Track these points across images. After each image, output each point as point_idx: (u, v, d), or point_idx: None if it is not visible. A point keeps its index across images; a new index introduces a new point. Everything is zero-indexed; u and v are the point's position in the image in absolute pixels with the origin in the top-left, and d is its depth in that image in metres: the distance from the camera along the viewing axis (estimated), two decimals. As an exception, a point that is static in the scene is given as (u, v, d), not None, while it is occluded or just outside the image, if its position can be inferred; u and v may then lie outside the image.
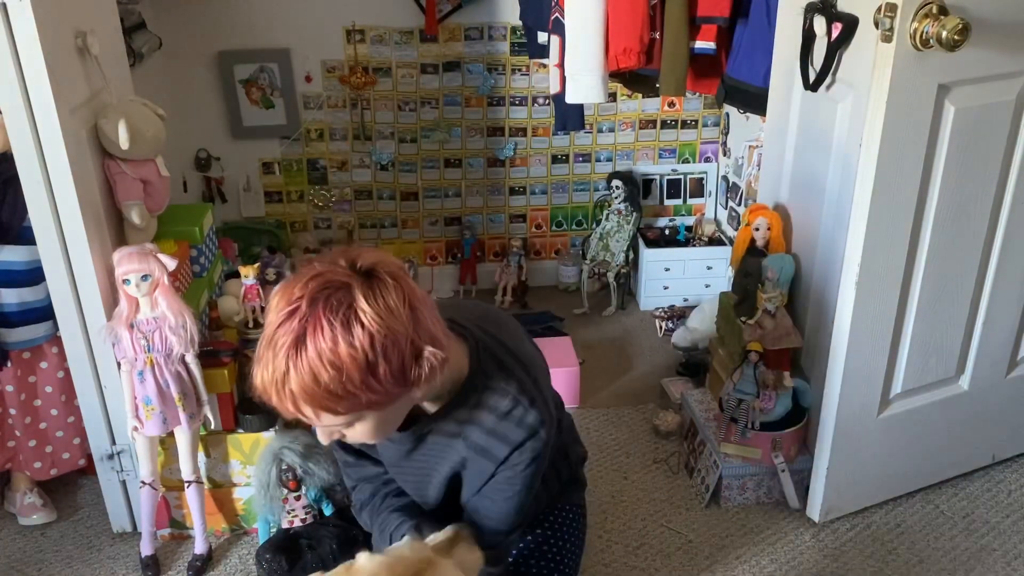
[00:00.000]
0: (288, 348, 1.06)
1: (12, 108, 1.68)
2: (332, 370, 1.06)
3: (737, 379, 2.07)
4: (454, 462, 1.33)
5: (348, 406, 1.10)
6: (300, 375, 1.06)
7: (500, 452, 1.27)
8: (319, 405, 1.09)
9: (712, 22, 2.25)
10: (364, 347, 1.06)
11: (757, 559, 2.03)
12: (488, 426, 1.27)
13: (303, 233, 3.18)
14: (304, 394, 1.07)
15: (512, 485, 1.31)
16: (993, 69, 1.74)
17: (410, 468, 1.40)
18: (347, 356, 1.06)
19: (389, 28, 2.93)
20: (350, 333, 1.05)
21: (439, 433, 1.32)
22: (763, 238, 2.16)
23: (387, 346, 1.07)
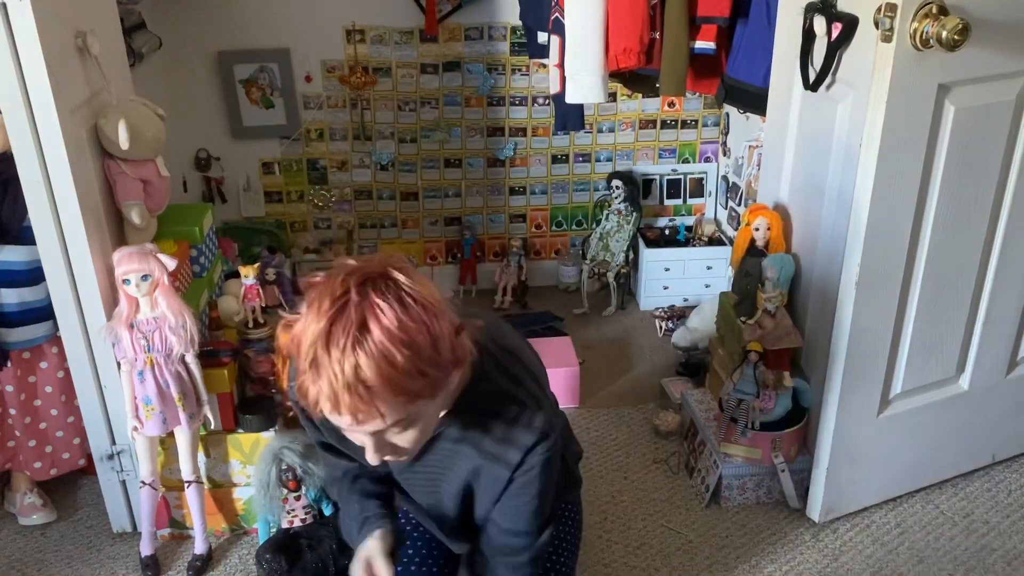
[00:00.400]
0: (353, 339, 1.03)
1: (12, 108, 1.68)
2: (404, 348, 1.05)
3: (737, 379, 2.07)
4: (466, 471, 1.32)
5: (420, 388, 1.09)
6: (374, 361, 1.03)
7: (513, 457, 1.27)
8: (395, 390, 1.06)
9: (712, 22, 2.25)
10: (423, 319, 1.06)
11: (757, 559, 2.03)
12: (499, 434, 1.27)
13: (303, 233, 3.18)
14: (380, 380, 1.04)
15: (530, 489, 1.30)
16: (993, 69, 1.74)
17: (419, 476, 1.39)
18: (414, 329, 1.06)
19: (389, 28, 2.93)
20: (407, 309, 1.05)
21: (446, 439, 1.31)
22: (763, 238, 2.16)
23: (439, 316, 1.08)
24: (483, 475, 1.31)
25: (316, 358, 1.05)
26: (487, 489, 1.33)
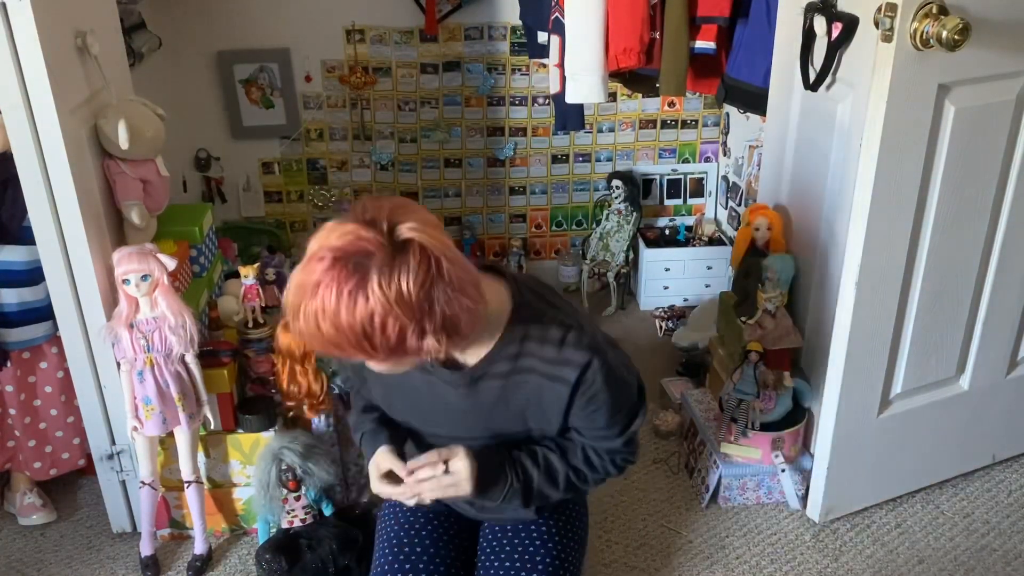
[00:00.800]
0: (300, 287, 1.12)
1: (12, 108, 1.68)
2: (330, 326, 1.11)
3: (737, 379, 2.07)
4: (523, 399, 1.35)
5: (341, 355, 1.16)
6: (304, 317, 1.12)
7: (570, 375, 1.30)
8: (318, 344, 1.14)
9: (712, 22, 2.25)
10: (363, 321, 1.10)
11: (757, 559, 2.03)
12: (549, 356, 1.31)
13: (303, 233, 3.18)
14: (306, 331, 1.13)
15: (597, 403, 1.34)
16: (993, 69, 1.74)
17: (470, 416, 1.39)
18: (345, 323, 1.10)
19: (389, 28, 2.93)
20: (354, 304, 1.09)
21: (493, 377, 1.34)
22: (763, 238, 2.16)
23: (387, 325, 1.10)
24: (545, 396, 1.34)
25: (298, 267, 1.15)
26: (552, 406, 1.36)
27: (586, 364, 1.30)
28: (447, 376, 1.35)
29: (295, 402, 2.00)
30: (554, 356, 1.31)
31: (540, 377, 1.33)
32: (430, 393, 1.40)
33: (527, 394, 1.35)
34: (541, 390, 1.34)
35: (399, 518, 1.61)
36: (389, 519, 1.62)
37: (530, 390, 1.34)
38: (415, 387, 1.40)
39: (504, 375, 1.33)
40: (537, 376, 1.33)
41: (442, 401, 1.39)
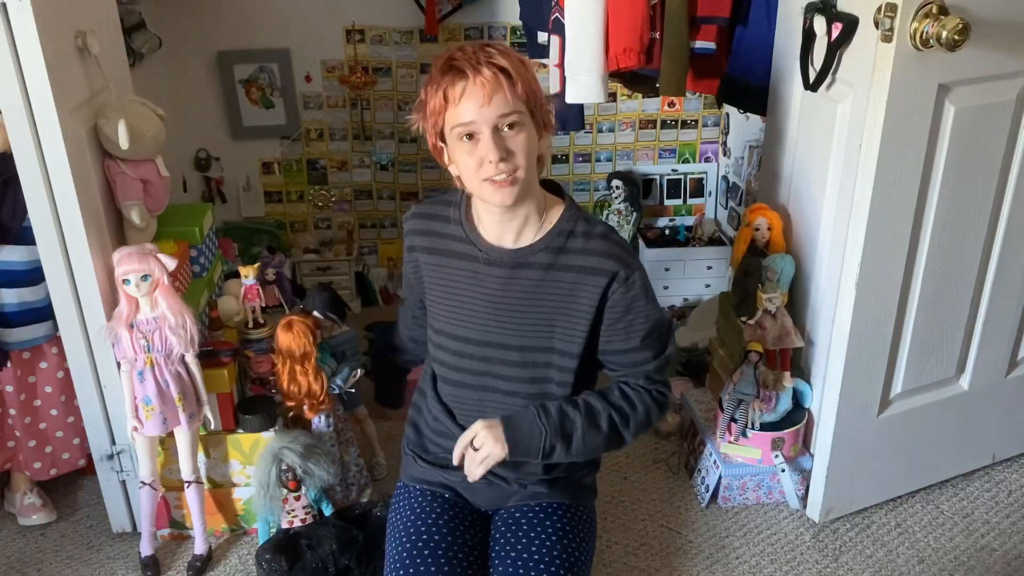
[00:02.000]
0: (479, 45, 1.37)
1: (12, 108, 1.68)
2: (514, 56, 1.37)
3: (737, 379, 2.07)
4: (554, 297, 1.47)
5: (534, 89, 1.39)
6: (500, 51, 1.36)
7: (611, 266, 1.44)
8: (519, 72, 1.35)
9: (712, 22, 2.25)
10: (526, 60, 1.39)
11: (757, 559, 2.03)
12: (592, 248, 1.45)
13: (303, 233, 3.18)
14: (508, 60, 1.35)
15: (635, 310, 1.47)
16: (993, 69, 1.74)
17: (503, 314, 1.50)
18: (522, 57, 1.39)
19: (389, 28, 2.93)
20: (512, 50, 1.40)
21: (533, 267, 1.47)
22: (763, 238, 2.16)
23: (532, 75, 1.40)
24: (579, 293, 1.46)
25: (452, 60, 1.35)
26: (582, 306, 1.46)
27: (627, 264, 1.44)
28: (494, 254, 1.47)
29: (295, 402, 2.00)
30: (597, 248, 1.45)
31: (577, 273, 1.45)
32: (472, 286, 1.51)
33: (561, 293, 1.46)
34: (575, 287, 1.45)
35: (413, 506, 1.61)
36: (403, 508, 1.62)
37: (565, 288, 1.46)
38: (460, 283, 1.52)
39: (544, 266, 1.46)
40: (574, 273, 1.45)
41: (481, 292, 1.50)
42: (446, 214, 1.54)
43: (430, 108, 1.39)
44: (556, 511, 1.60)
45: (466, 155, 1.38)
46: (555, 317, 1.48)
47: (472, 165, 1.38)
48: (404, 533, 1.57)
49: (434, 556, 1.50)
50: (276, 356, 1.98)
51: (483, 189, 1.40)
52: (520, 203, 1.43)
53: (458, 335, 1.55)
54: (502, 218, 1.46)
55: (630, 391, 1.55)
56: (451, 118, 1.37)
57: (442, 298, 1.56)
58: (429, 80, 1.39)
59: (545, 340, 1.50)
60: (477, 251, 1.49)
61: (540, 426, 1.48)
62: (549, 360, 1.52)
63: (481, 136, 1.36)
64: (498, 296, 1.49)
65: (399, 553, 1.53)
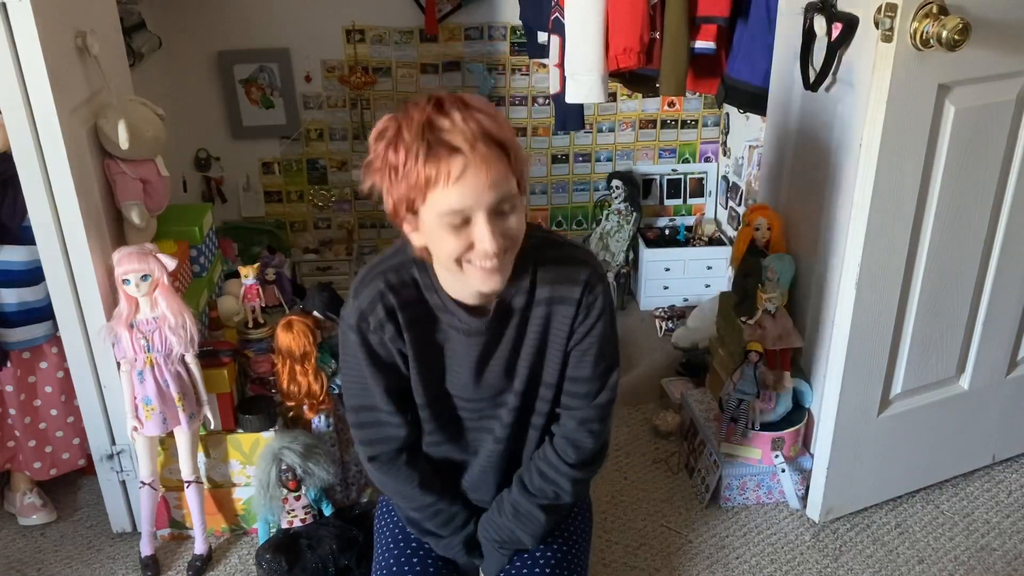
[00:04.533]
0: (462, 106, 1.15)
1: (12, 108, 1.68)
2: (503, 119, 1.19)
3: (737, 379, 2.07)
4: (539, 330, 1.37)
5: (523, 158, 1.21)
6: (489, 117, 1.16)
7: (573, 293, 1.34)
8: (512, 146, 1.18)
9: (712, 22, 2.25)
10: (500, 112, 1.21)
11: (757, 559, 2.03)
12: (550, 277, 1.35)
13: (303, 233, 3.18)
14: (500, 131, 1.16)
15: (595, 331, 1.37)
16: (993, 69, 1.74)
17: (497, 359, 1.40)
18: (499, 112, 1.20)
19: (389, 28, 2.93)
20: (486, 102, 1.20)
21: (514, 313, 1.36)
22: (763, 238, 2.16)
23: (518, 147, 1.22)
24: (553, 322, 1.37)
25: (437, 130, 1.13)
26: (556, 335, 1.38)
27: (590, 287, 1.35)
28: (475, 322, 1.34)
29: (295, 402, 2.00)
30: (562, 275, 1.35)
31: (547, 305, 1.36)
32: (458, 348, 1.39)
33: (540, 328, 1.37)
34: (550, 318, 1.37)
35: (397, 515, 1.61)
36: (387, 514, 1.62)
37: (542, 322, 1.37)
38: (445, 346, 1.40)
39: (522, 308, 1.36)
40: (545, 306, 1.36)
41: (468, 353, 1.39)
42: (414, 277, 1.34)
43: (407, 182, 1.16)
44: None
45: (451, 238, 1.19)
46: (540, 352, 1.40)
47: (457, 249, 1.20)
48: (392, 540, 1.56)
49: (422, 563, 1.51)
50: (276, 356, 1.98)
51: (467, 273, 1.23)
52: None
53: (451, 394, 1.44)
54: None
55: (548, 470, 1.44)
56: (439, 201, 1.15)
57: (426, 369, 1.40)
58: (397, 142, 1.16)
59: (534, 378, 1.42)
60: (457, 321, 1.34)
61: (488, 544, 1.49)
62: (540, 394, 1.44)
63: (476, 221, 1.17)
64: (488, 358, 1.38)
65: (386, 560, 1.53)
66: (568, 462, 1.43)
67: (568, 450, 1.43)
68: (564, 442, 1.43)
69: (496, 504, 1.49)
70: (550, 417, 1.46)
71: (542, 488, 1.44)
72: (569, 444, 1.43)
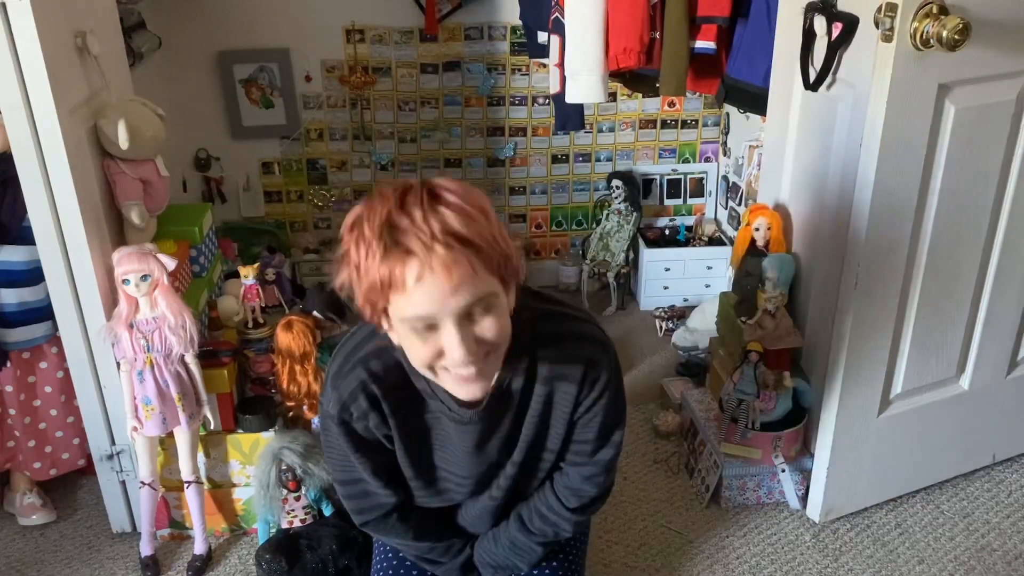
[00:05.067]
0: (429, 203, 1.02)
1: (12, 108, 1.68)
2: (478, 212, 1.04)
3: (737, 379, 2.07)
4: (539, 410, 1.28)
5: (499, 256, 1.07)
6: (456, 215, 1.02)
7: (576, 372, 1.25)
8: (483, 243, 1.03)
9: (712, 22, 2.25)
10: (482, 201, 1.07)
11: (757, 559, 2.03)
12: (551, 356, 1.25)
13: (303, 233, 3.18)
14: (468, 231, 1.02)
15: (600, 407, 1.29)
16: (993, 69, 1.74)
17: (490, 449, 1.32)
18: (481, 201, 1.06)
19: (389, 28, 2.93)
20: (467, 191, 1.06)
21: (511, 395, 1.27)
22: (763, 238, 2.16)
23: (502, 238, 1.08)
24: (556, 399, 1.28)
25: (394, 229, 1.01)
26: (560, 411, 1.29)
27: (594, 364, 1.27)
28: (467, 415, 1.25)
29: (295, 402, 2.00)
30: (564, 353, 1.26)
31: (547, 382, 1.27)
32: (451, 434, 1.31)
33: (541, 406, 1.29)
34: (553, 395, 1.28)
35: None
36: None
37: (543, 399, 1.28)
38: (436, 431, 1.32)
39: (519, 391, 1.27)
40: (546, 383, 1.27)
41: (462, 439, 1.30)
42: (397, 362, 1.23)
43: (368, 281, 1.04)
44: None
45: (419, 345, 1.09)
46: (541, 430, 1.32)
47: (427, 355, 1.10)
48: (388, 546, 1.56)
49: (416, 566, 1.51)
50: (276, 356, 1.98)
51: (442, 379, 1.15)
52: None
53: (442, 476, 1.37)
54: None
55: (549, 514, 1.41)
56: (400, 307, 1.05)
57: (415, 451, 1.34)
58: (359, 237, 1.04)
59: (537, 450, 1.35)
60: (447, 410, 1.25)
61: (489, 569, 1.48)
62: (542, 460, 1.38)
63: (443, 328, 1.06)
64: (482, 440, 1.30)
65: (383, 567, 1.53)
66: (569, 508, 1.40)
67: (570, 498, 1.39)
68: (567, 491, 1.39)
69: (493, 535, 1.46)
70: (550, 473, 1.41)
71: (542, 528, 1.42)
72: (572, 493, 1.39)
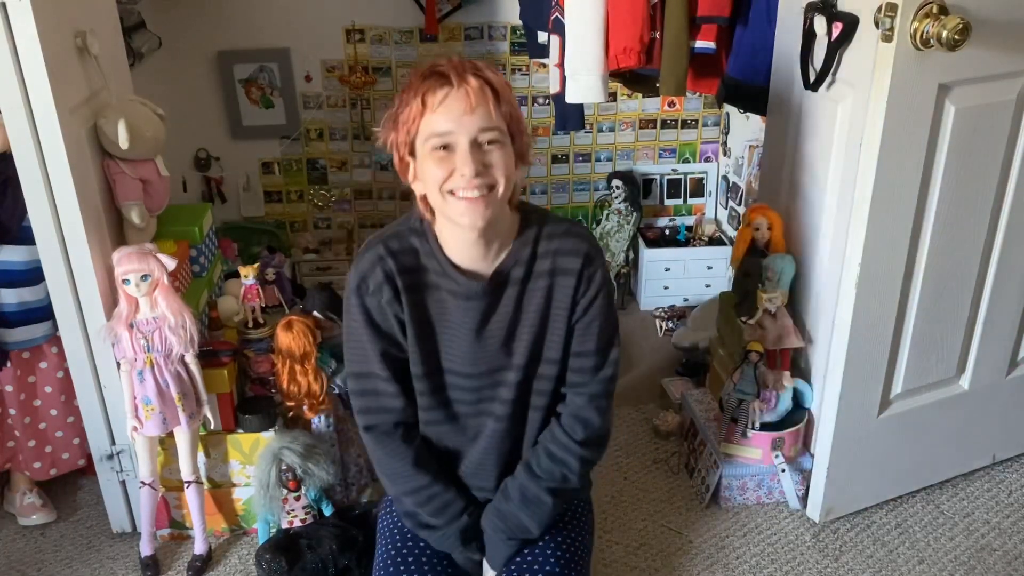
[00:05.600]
0: (464, 57, 1.32)
1: (12, 108, 1.68)
2: (504, 81, 1.31)
3: (737, 379, 2.07)
4: (540, 303, 1.42)
5: (516, 112, 1.32)
6: (486, 66, 1.29)
7: (574, 264, 1.40)
8: (503, 91, 1.29)
9: (712, 22, 2.25)
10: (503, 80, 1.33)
11: (757, 559, 2.03)
12: (553, 248, 1.41)
13: (303, 233, 3.18)
14: (493, 76, 1.29)
15: (594, 309, 1.43)
16: (993, 69, 1.74)
17: (494, 333, 1.43)
18: (500, 72, 1.33)
19: (389, 28, 2.93)
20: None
21: (511, 284, 1.41)
22: (763, 238, 2.16)
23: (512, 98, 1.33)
24: (555, 295, 1.42)
25: (436, 66, 1.28)
26: (559, 308, 1.42)
27: (590, 260, 1.41)
28: (473, 285, 1.39)
29: (295, 402, 2.00)
30: (564, 247, 1.41)
31: (549, 276, 1.41)
32: (456, 317, 1.42)
33: (540, 302, 1.42)
34: (551, 291, 1.41)
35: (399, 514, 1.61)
36: (390, 514, 1.62)
37: (542, 295, 1.42)
38: (443, 316, 1.43)
39: (521, 280, 1.41)
40: (547, 277, 1.41)
41: (465, 322, 1.42)
42: (414, 245, 1.41)
43: (404, 115, 1.29)
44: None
45: (435, 165, 1.28)
46: (540, 328, 1.43)
47: (440, 175, 1.28)
48: (390, 540, 1.57)
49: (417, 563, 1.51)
50: (276, 356, 1.98)
51: (451, 206, 1.30)
52: (492, 228, 1.35)
53: (449, 369, 1.46)
54: (473, 242, 1.36)
55: (556, 449, 1.47)
56: (427, 126, 1.28)
57: (424, 337, 1.44)
58: (406, 87, 1.30)
59: (535, 353, 1.44)
60: (455, 285, 1.39)
61: (494, 536, 1.50)
62: (539, 372, 1.46)
63: (458, 147, 1.27)
64: (484, 326, 1.42)
65: (384, 560, 1.54)
66: (576, 440, 1.46)
67: (576, 428, 1.46)
68: (572, 420, 1.47)
69: (501, 492, 1.51)
70: (552, 398, 1.48)
71: (550, 470, 1.47)
72: (577, 422, 1.46)
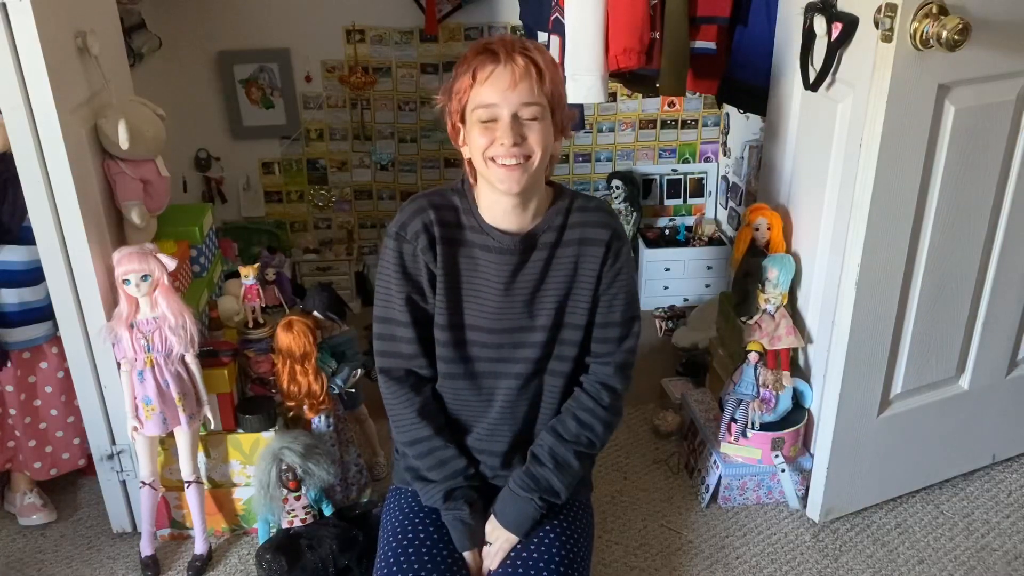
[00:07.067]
0: (516, 41, 1.43)
1: (12, 108, 1.68)
2: (552, 62, 1.45)
3: (737, 379, 2.07)
4: (561, 275, 1.55)
5: (559, 90, 1.46)
6: (535, 46, 1.43)
7: (603, 235, 1.55)
8: (549, 70, 1.42)
9: (712, 22, 2.25)
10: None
11: (757, 559, 2.03)
12: (581, 220, 1.55)
13: (303, 233, 3.18)
14: (540, 55, 1.42)
15: (620, 281, 1.58)
16: (993, 69, 1.74)
17: (516, 300, 1.55)
18: (548, 54, 1.47)
19: (389, 28, 2.93)
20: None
21: (541, 247, 1.54)
22: (763, 238, 2.16)
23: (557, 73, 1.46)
24: (582, 265, 1.56)
25: (489, 43, 1.42)
26: (585, 276, 1.56)
27: (618, 235, 1.56)
28: (506, 241, 1.52)
29: (295, 402, 2.00)
30: (593, 219, 1.55)
31: (578, 245, 1.54)
32: (486, 273, 1.55)
33: (567, 268, 1.55)
34: (579, 259, 1.55)
35: (403, 507, 1.61)
36: (394, 510, 1.63)
37: (570, 262, 1.55)
38: (473, 271, 1.55)
39: (551, 245, 1.54)
40: (575, 246, 1.54)
41: (495, 279, 1.54)
42: (454, 203, 1.56)
43: (457, 86, 1.44)
44: (553, 507, 1.60)
45: (480, 134, 1.43)
46: (566, 292, 1.56)
47: (483, 143, 1.43)
48: (392, 534, 1.58)
49: (418, 555, 1.51)
50: (276, 356, 1.98)
51: (491, 172, 1.45)
52: (527, 194, 1.49)
53: (472, 325, 1.57)
54: (510, 207, 1.50)
55: (584, 414, 1.60)
56: (475, 97, 1.42)
57: (452, 288, 1.56)
58: (462, 60, 1.45)
59: (558, 317, 1.57)
60: (490, 240, 1.53)
61: (525, 496, 1.57)
62: (562, 336, 1.58)
63: (500, 119, 1.41)
64: (512, 281, 1.54)
65: (385, 553, 1.55)
66: (603, 405, 1.60)
67: (603, 394, 1.60)
68: (599, 387, 1.60)
69: (531, 457, 1.60)
70: (573, 366, 1.59)
71: (578, 434, 1.59)
72: (604, 389, 1.60)
